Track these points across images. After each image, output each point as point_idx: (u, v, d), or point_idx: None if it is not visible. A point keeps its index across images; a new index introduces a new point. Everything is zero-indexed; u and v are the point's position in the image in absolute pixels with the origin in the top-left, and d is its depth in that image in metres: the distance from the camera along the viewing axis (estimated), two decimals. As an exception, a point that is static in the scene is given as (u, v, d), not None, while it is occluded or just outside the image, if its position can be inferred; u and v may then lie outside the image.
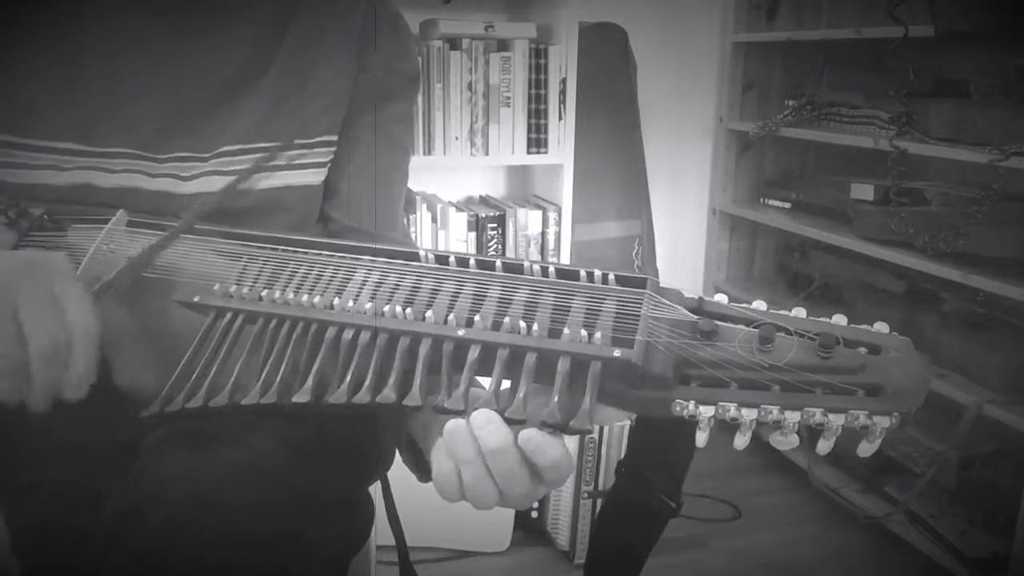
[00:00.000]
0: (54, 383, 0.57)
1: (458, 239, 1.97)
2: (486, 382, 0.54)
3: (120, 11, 0.80)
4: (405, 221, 1.35)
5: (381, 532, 0.88)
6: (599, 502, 1.83)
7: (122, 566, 0.64)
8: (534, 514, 1.91)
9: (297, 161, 0.85)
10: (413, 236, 1.92)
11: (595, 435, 1.81)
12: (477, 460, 0.53)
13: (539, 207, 2.02)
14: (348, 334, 0.57)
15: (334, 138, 0.87)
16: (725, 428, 0.51)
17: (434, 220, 1.98)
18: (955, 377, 1.77)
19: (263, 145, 0.82)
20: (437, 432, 0.56)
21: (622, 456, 0.71)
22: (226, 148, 0.82)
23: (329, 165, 0.88)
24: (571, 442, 1.81)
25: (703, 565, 1.85)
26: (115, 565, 0.65)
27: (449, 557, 1.83)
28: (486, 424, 0.53)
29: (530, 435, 0.52)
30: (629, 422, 0.67)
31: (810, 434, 0.51)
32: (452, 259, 0.60)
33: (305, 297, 0.59)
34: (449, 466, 0.55)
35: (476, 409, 0.53)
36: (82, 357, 0.57)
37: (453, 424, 0.54)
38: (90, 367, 0.58)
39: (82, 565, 0.74)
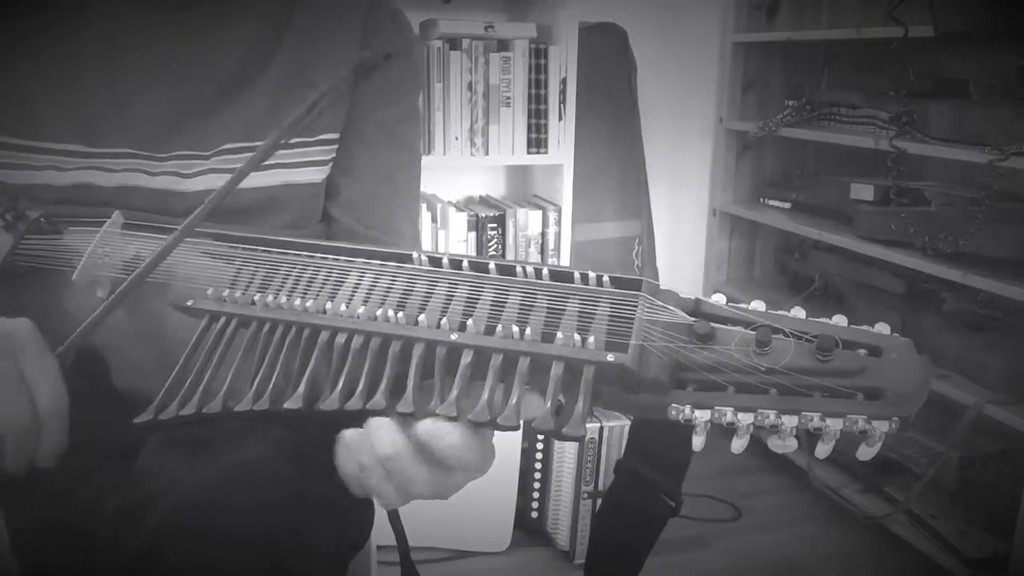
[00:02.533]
0: (26, 457, 0.57)
1: (458, 239, 1.97)
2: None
3: (120, 10, 0.80)
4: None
5: (381, 532, 0.88)
6: (599, 502, 1.83)
7: (121, 566, 0.64)
8: (534, 514, 1.91)
9: (297, 159, 0.85)
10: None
11: (595, 436, 1.80)
12: (376, 466, 0.54)
13: (539, 207, 2.02)
14: (341, 338, 0.56)
15: (335, 136, 0.87)
16: (724, 430, 0.51)
17: (434, 220, 1.98)
18: (955, 377, 1.77)
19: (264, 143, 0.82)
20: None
21: (621, 456, 0.70)
22: (228, 146, 0.82)
23: (331, 164, 0.88)
24: (570, 443, 1.82)
25: (703, 565, 1.85)
26: (114, 565, 0.65)
27: (449, 557, 1.83)
28: (378, 430, 0.53)
29: (423, 426, 0.53)
30: (628, 422, 0.67)
31: (809, 437, 0.50)
32: (445, 261, 0.60)
33: (298, 301, 0.59)
34: (353, 470, 0.55)
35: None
36: (52, 433, 0.57)
37: (350, 435, 0.55)
38: (60, 441, 0.58)
39: (82, 565, 0.74)
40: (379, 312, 0.56)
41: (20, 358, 0.58)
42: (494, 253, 1.99)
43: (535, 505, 1.91)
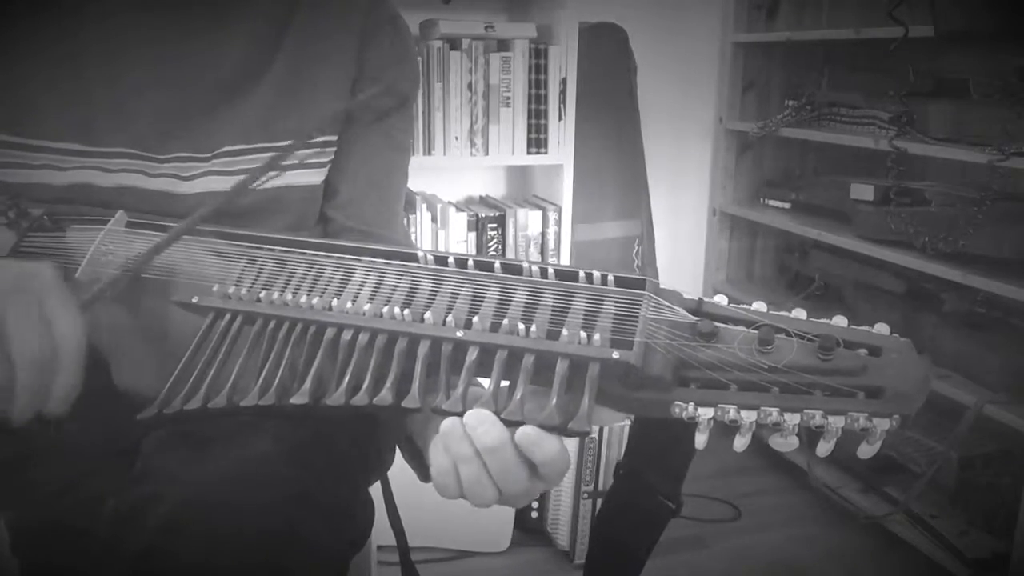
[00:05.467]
0: (39, 397, 0.56)
1: (458, 239, 1.97)
2: (485, 383, 0.54)
3: (120, 11, 0.80)
4: (405, 221, 1.35)
5: (381, 532, 0.88)
6: (599, 502, 1.83)
7: (122, 566, 0.64)
8: (534, 514, 1.91)
9: (297, 161, 0.85)
10: (413, 236, 1.92)
11: (595, 435, 1.81)
12: (474, 458, 0.54)
13: (539, 207, 2.02)
14: (347, 335, 0.57)
15: (334, 138, 0.87)
16: (725, 430, 0.51)
17: (434, 220, 1.98)
18: (955, 377, 1.77)
19: (263, 145, 0.82)
20: (435, 430, 0.56)
21: (621, 457, 0.71)
22: (226, 148, 0.82)
23: (329, 165, 0.88)
24: (571, 442, 1.81)
25: (703, 565, 1.85)
26: (115, 565, 0.65)
27: (449, 557, 1.83)
28: (481, 423, 0.53)
29: (527, 431, 0.52)
30: (628, 422, 0.67)
31: (810, 435, 0.51)
32: (451, 260, 0.60)
33: (304, 298, 0.59)
34: (447, 464, 0.55)
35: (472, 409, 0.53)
36: (68, 371, 0.57)
37: (450, 422, 0.54)
38: (76, 381, 0.57)
39: (82, 565, 0.74)
40: (385, 309, 0.57)
41: (41, 294, 0.58)
42: (494, 253, 1.99)
43: (535, 505, 1.91)
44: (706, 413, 0.50)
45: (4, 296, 0.56)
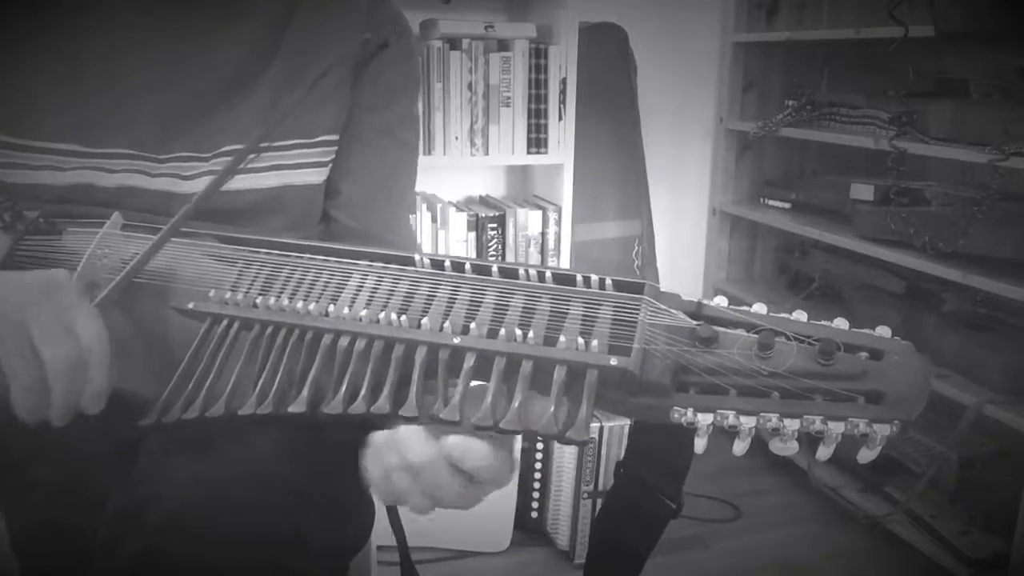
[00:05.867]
0: (74, 401, 0.58)
1: (458, 239, 1.97)
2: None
3: (120, 11, 0.80)
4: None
5: (381, 532, 0.88)
6: (599, 502, 1.83)
7: (121, 566, 0.64)
8: (534, 514, 1.91)
9: (297, 160, 0.85)
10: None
11: (595, 436, 1.80)
12: (404, 471, 0.55)
13: (539, 207, 2.02)
14: (343, 342, 0.56)
15: (335, 137, 0.87)
16: (725, 431, 0.51)
17: (434, 220, 1.97)
18: (955, 377, 1.77)
19: (264, 144, 0.82)
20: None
21: (622, 458, 0.70)
22: (227, 148, 0.82)
23: (330, 165, 0.88)
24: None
25: (703, 565, 1.85)
26: (114, 565, 0.65)
27: (449, 557, 1.83)
28: (408, 440, 0.54)
29: (454, 442, 0.53)
30: (628, 422, 0.67)
31: (810, 439, 0.51)
32: (448, 264, 0.59)
33: (300, 304, 0.59)
34: (380, 473, 0.56)
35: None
36: (98, 373, 0.59)
37: (379, 437, 0.55)
38: (106, 381, 0.59)
39: (82, 565, 0.73)
40: (381, 315, 0.56)
41: (62, 300, 0.59)
42: (494, 253, 1.99)
43: (535, 505, 1.91)
44: (705, 419, 0.50)
45: (28, 308, 0.58)
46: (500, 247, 1.99)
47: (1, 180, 0.79)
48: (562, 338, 0.53)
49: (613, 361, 0.51)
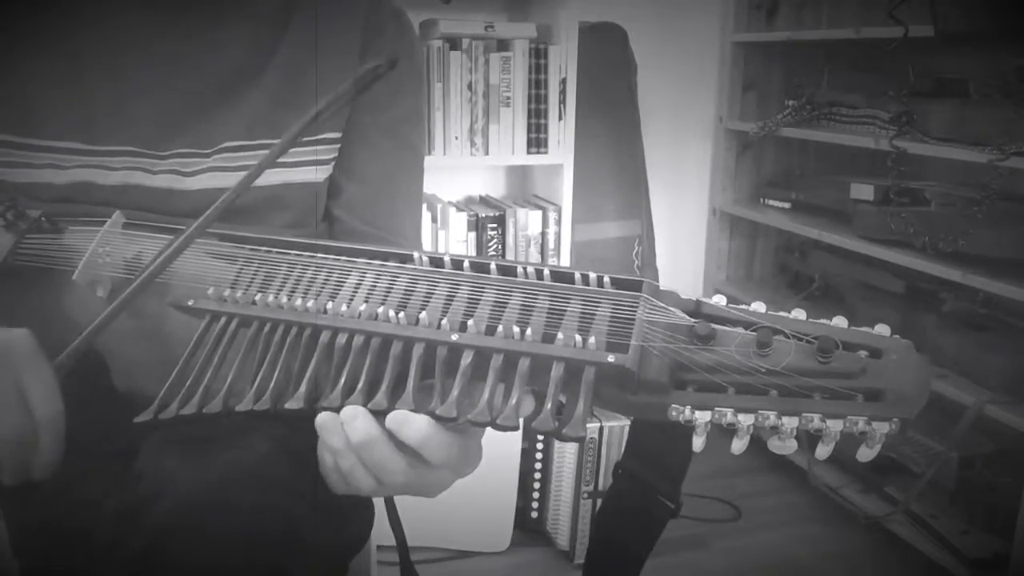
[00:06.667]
0: (21, 471, 0.57)
1: (458, 239, 1.97)
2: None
3: (120, 9, 0.80)
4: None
5: (381, 532, 0.88)
6: (598, 502, 1.83)
7: (121, 566, 0.64)
8: (534, 514, 1.91)
9: (299, 158, 0.85)
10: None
11: (595, 436, 1.80)
12: (348, 451, 0.54)
13: (539, 207, 2.02)
14: (341, 338, 0.56)
15: (337, 135, 0.87)
16: (724, 430, 0.51)
17: (434, 220, 1.98)
18: (955, 377, 1.77)
19: (265, 141, 0.82)
20: None
21: (620, 457, 0.70)
22: (228, 144, 0.82)
23: (333, 163, 0.88)
24: (570, 443, 1.81)
25: (703, 565, 1.85)
26: (114, 565, 0.65)
27: (449, 557, 1.83)
28: (352, 419, 0.53)
29: (394, 415, 0.53)
30: (628, 422, 0.67)
31: (809, 437, 0.50)
32: (446, 261, 0.60)
33: (299, 301, 0.59)
34: (327, 457, 0.56)
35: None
36: (47, 444, 0.57)
37: (323, 418, 0.55)
38: (56, 453, 0.58)
39: (82, 565, 0.73)
40: (380, 312, 0.56)
41: (18, 369, 0.57)
42: (494, 253, 1.99)
43: (535, 505, 1.91)
44: (703, 416, 0.49)
45: None
46: (500, 247, 1.99)
47: (3, 179, 0.80)
48: (560, 335, 0.52)
49: (611, 358, 0.51)
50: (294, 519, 0.66)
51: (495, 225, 1.99)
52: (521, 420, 0.52)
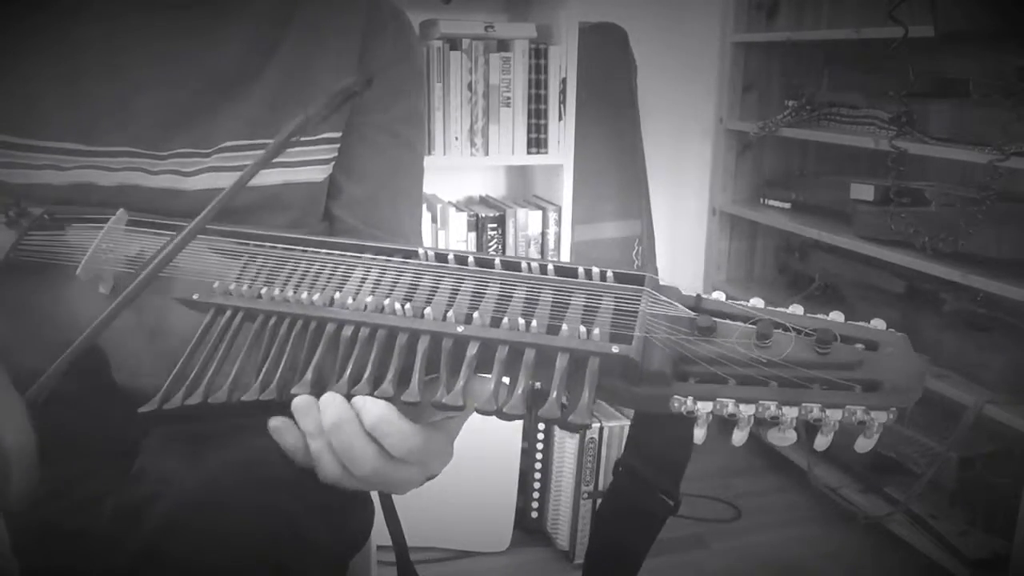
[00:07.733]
0: None
1: (458, 239, 1.98)
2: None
3: (120, 9, 0.80)
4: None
5: (381, 532, 0.88)
6: (599, 502, 1.83)
7: (121, 566, 0.64)
8: (534, 514, 1.91)
9: (298, 158, 0.85)
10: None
11: (595, 436, 1.81)
12: (319, 434, 0.56)
13: (539, 207, 2.02)
14: (347, 331, 0.57)
15: (337, 135, 0.87)
16: (724, 427, 0.51)
17: (434, 220, 1.98)
18: (955, 377, 1.77)
19: (265, 141, 0.82)
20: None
21: (620, 455, 0.71)
22: (228, 144, 0.82)
23: (332, 163, 0.88)
24: (571, 443, 1.81)
25: (703, 565, 1.85)
26: (114, 565, 0.65)
27: (449, 557, 1.83)
28: (329, 404, 0.55)
29: (358, 398, 0.54)
30: (628, 421, 0.67)
31: (808, 432, 0.51)
32: (451, 256, 0.60)
33: (304, 294, 0.59)
34: (299, 440, 0.57)
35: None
36: (19, 476, 0.56)
37: (299, 401, 0.56)
38: (29, 484, 0.56)
39: (82, 565, 0.74)
40: (386, 304, 0.57)
41: None
42: (494, 253, 1.99)
43: (535, 505, 1.91)
44: (705, 407, 0.50)
45: None
46: (500, 247, 1.99)
47: (2, 180, 0.80)
48: (564, 327, 0.53)
49: (615, 349, 0.51)
50: (294, 519, 0.65)
51: (495, 225, 1.99)
52: (526, 408, 0.52)
